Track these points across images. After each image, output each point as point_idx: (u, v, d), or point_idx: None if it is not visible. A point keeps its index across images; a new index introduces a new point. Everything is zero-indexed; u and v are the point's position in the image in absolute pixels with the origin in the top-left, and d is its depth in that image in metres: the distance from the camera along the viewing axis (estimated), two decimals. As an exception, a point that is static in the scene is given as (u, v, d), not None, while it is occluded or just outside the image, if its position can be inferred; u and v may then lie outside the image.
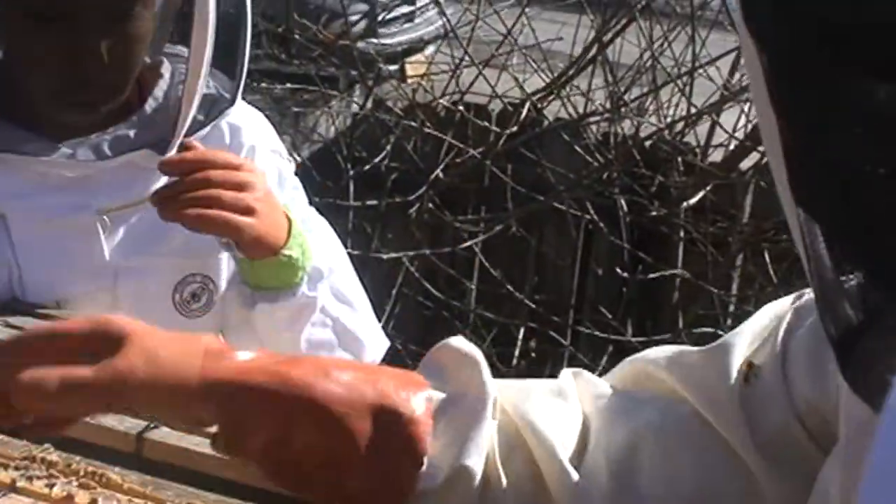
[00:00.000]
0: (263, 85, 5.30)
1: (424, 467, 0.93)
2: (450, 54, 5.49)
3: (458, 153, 5.10)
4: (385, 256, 4.96)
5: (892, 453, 0.43)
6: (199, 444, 1.27)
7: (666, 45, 5.17)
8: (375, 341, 1.69)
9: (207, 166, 1.44)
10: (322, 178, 5.06)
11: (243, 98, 1.66)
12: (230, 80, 1.61)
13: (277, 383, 0.93)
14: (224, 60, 1.59)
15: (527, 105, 5.15)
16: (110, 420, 1.28)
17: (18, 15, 1.49)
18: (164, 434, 1.28)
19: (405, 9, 6.96)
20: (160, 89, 1.61)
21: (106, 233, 1.57)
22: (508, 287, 5.04)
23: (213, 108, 1.60)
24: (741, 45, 0.63)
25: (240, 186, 1.44)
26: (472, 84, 5.32)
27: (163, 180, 1.56)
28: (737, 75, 5.23)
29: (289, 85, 5.40)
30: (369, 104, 5.37)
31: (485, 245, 5.12)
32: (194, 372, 0.94)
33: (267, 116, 1.65)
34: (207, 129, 1.61)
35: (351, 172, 5.11)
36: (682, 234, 4.93)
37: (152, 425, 1.28)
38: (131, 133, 1.58)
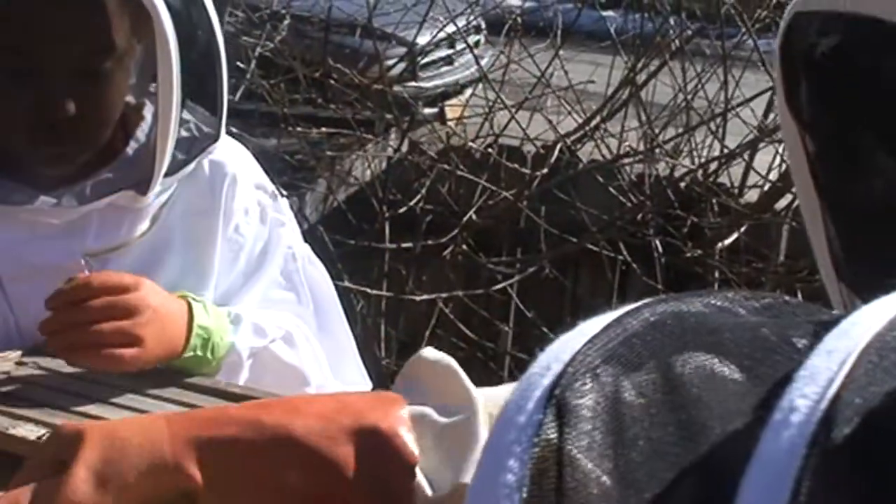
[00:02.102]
0: (300, 129, 5.35)
1: (420, 479, 0.92)
2: (484, 97, 5.53)
3: (492, 195, 5.13)
4: (419, 298, 4.98)
5: None
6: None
7: (699, 86, 5.19)
8: (340, 383, 1.69)
9: (88, 296, 1.44)
10: (358, 220, 5.11)
11: (275, 140, 1.66)
12: (212, 115, 1.62)
13: (253, 431, 0.91)
14: (203, 96, 1.61)
15: (559, 146, 5.17)
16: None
17: None
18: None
19: (443, 52, 7.01)
20: (142, 131, 1.62)
21: None
22: (543, 328, 5.05)
23: (195, 145, 1.62)
24: (781, 122, 0.64)
25: (126, 312, 1.45)
26: (505, 126, 5.35)
27: (147, 221, 1.60)
28: (770, 116, 5.24)
29: (325, 129, 5.45)
30: (404, 147, 5.41)
31: (520, 287, 5.14)
32: (163, 439, 0.91)
33: (301, 160, 1.65)
34: (191, 166, 1.62)
35: (386, 215, 5.14)
36: (716, 274, 4.93)
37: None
38: (111, 176, 1.59)
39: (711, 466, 0.43)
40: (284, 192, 1.78)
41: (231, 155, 1.70)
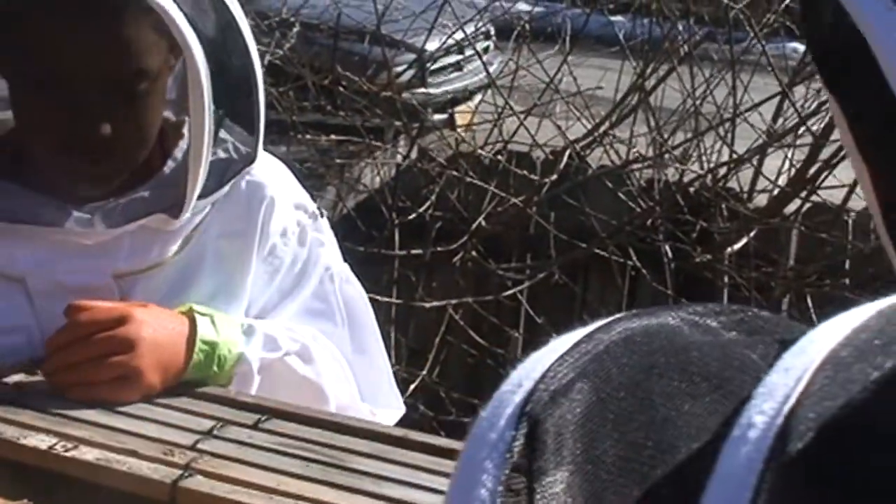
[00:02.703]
0: (308, 136, 5.36)
1: None
2: (493, 103, 5.54)
3: (501, 201, 5.14)
4: (429, 305, 4.99)
5: None
6: (232, 492, 1.31)
7: (708, 91, 5.20)
8: (372, 406, 1.70)
9: (81, 334, 1.47)
10: (367, 227, 5.12)
11: (284, 148, 1.65)
12: (249, 134, 1.62)
13: None
14: (241, 116, 1.61)
15: (568, 152, 5.18)
16: (145, 469, 1.32)
17: (23, 88, 1.52)
18: (199, 482, 1.31)
19: (452, 58, 7.02)
20: (180, 150, 1.61)
21: (123, 297, 1.59)
22: (553, 334, 5.05)
23: (231, 167, 1.61)
24: (829, 102, 0.63)
25: (119, 347, 1.47)
26: (514, 132, 5.36)
27: (179, 243, 1.60)
28: (779, 120, 5.24)
29: (334, 136, 5.46)
30: (413, 154, 5.42)
31: (530, 293, 5.14)
32: None
33: (311, 168, 1.64)
34: (226, 188, 1.62)
35: (396, 222, 5.15)
36: (726, 279, 4.94)
37: (187, 474, 1.32)
38: (148, 195, 1.59)
39: (677, 483, 0.44)
40: (325, 212, 1.78)
41: (270, 175, 1.69)
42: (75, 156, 1.51)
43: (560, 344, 0.49)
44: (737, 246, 4.94)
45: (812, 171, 4.99)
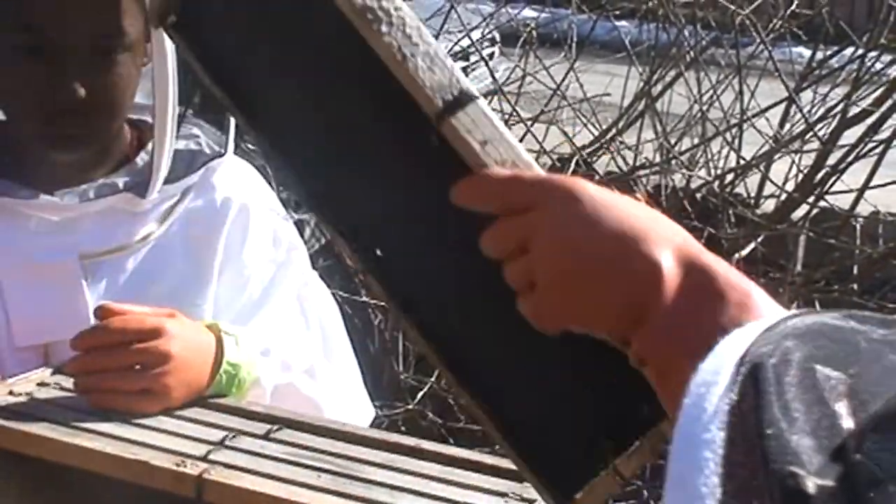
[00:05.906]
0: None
1: None
2: (500, 110, 5.53)
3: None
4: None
5: None
6: (261, 484, 1.30)
7: (715, 97, 5.19)
8: (348, 410, 1.71)
9: (112, 341, 1.46)
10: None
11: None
12: (222, 133, 1.65)
13: None
14: (213, 113, 1.64)
15: (575, 159, 5.17)
16: (168, 462, 1.32)
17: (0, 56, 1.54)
18: (225, 475, 1.31)
19: (459, 65, 7.00)
20: (153, 144, 1.65)
21: (89, 278, 1.60)
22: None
23: (200, 157, 1.64)
24: None
25: (150, 361, 1.46)
26: (521, 139, 5.36)
27: (146, 227, 1.61)
28: (787, 125, 5.23)
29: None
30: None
31: (537, 299, 5.13)
32: None
33: None
34: (195, 177, 1.64)
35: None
36: (733, 285, 4.92)
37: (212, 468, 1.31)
38: (117, 181, 1.62)
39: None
40: (296, 215, 1.80)
41: (243, 178, 1.71)
42: (50, 116, 1.53)
43: (754, 325, 0.65)
44: (744, 252, 4.92)
45: (819, 176, 4.98)
